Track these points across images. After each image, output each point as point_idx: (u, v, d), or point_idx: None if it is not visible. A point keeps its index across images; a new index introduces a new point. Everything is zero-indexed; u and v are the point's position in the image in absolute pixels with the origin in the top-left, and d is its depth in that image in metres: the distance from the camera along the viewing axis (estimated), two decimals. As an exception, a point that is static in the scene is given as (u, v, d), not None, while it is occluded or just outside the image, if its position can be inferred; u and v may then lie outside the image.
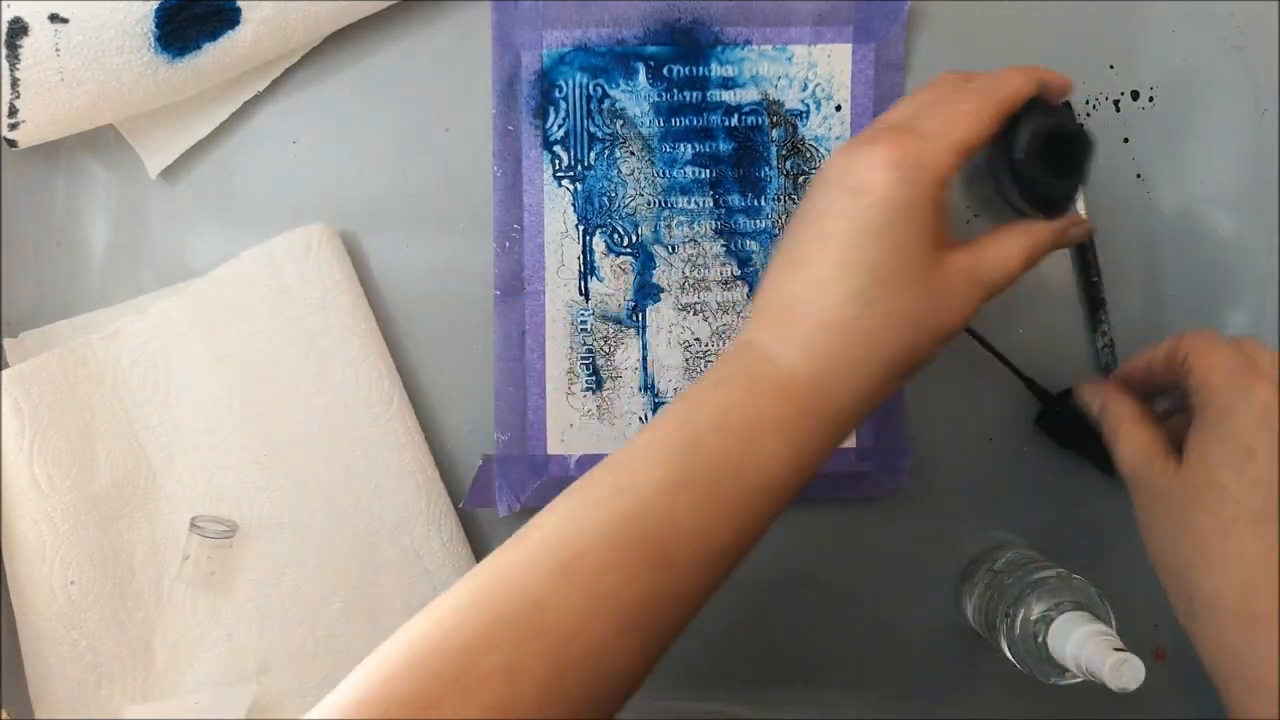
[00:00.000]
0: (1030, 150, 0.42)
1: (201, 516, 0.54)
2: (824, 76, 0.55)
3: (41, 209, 0.55)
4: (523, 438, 0.55)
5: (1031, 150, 0.42)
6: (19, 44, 0.49)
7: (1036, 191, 0.44)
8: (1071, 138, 0.43)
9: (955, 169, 0.39)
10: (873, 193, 0.38)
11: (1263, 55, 0.56)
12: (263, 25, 0.51)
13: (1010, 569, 0.53)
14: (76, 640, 0.52)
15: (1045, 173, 0.43)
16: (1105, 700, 0.50)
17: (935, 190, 0.39)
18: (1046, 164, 0.43)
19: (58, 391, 0.52)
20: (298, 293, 0.53)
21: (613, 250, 0.55)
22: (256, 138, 0.55)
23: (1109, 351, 0.56)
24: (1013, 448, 0.57)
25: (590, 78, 0.55)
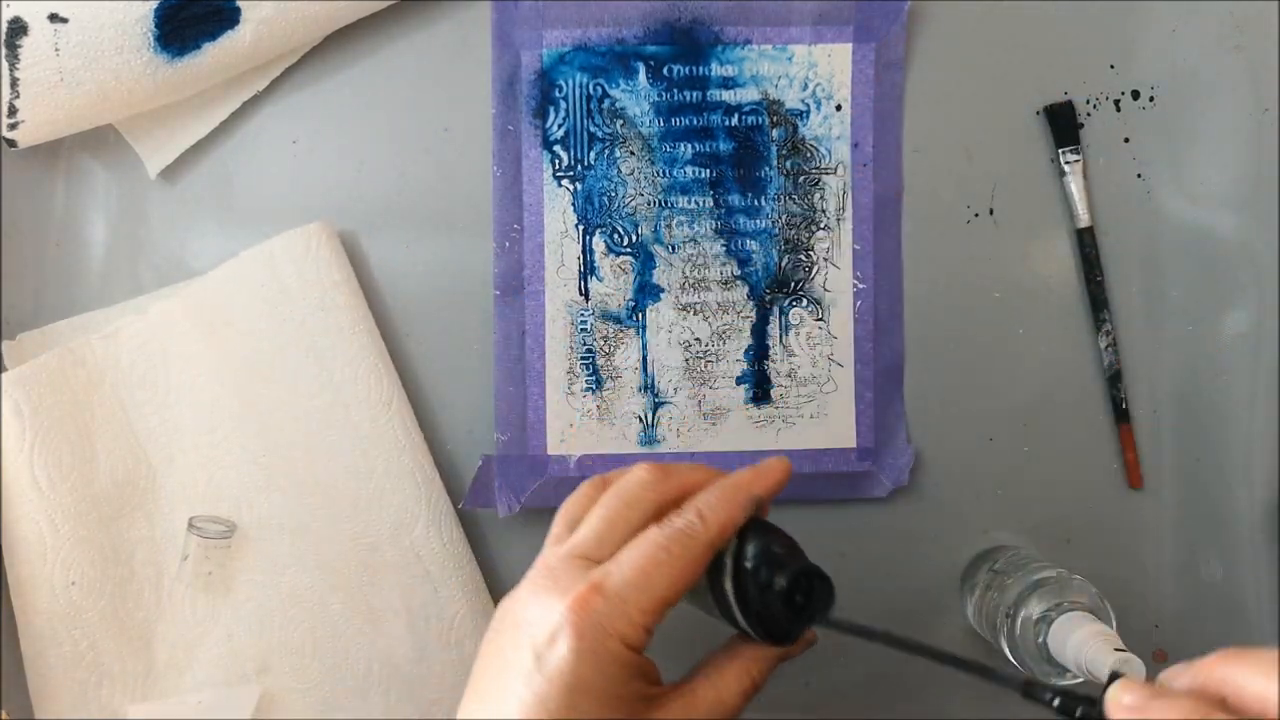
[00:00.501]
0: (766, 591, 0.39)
1: (200, 517, 0.54)
2: (824, 76, 0.55)
3: (41, 209, 0.55)
4: (523, 438, 0.55)
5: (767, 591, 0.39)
6: (19, 44, 0.49)
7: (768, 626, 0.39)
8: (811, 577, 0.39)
9: (652, 627, 0.37)
10: (551, 665, 0.36)
11: (1263, 55, 0.56)
12: (262, 25, 0.51)
13: (1010, 569, 0.53)
14: (77, 640, 0.52)
15: (791, 616, 0.39)
16: (1106, 700, 0.50)
17: (628, 655, 0.36)
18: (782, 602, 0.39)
19: (57, 392, 0.52)
20: (297, 293, 0.53)
21: (613, 250, 0.55)
22: (256, 138, 0.55)
23: (1110, 351, 0.56)
24: (1013, 448, 0.57)
25: (590, 77, 0.55)
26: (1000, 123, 0.56)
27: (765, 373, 0.56)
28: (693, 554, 0.38)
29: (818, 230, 0.56)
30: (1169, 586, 0.57)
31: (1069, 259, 0.56)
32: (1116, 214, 0.56)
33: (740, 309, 0.56)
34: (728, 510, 0.39)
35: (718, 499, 0.39)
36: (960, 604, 0.56)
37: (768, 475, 0.41)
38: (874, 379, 0.56)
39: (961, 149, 0.56)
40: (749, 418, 0.56)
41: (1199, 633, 0.57)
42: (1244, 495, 0.56)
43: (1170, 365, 0.56)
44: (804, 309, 0.56)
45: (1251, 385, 0.56)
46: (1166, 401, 0.56)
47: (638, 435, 0.56)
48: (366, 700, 0.54)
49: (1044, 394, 0.56)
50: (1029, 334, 0.56)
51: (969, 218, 0.56)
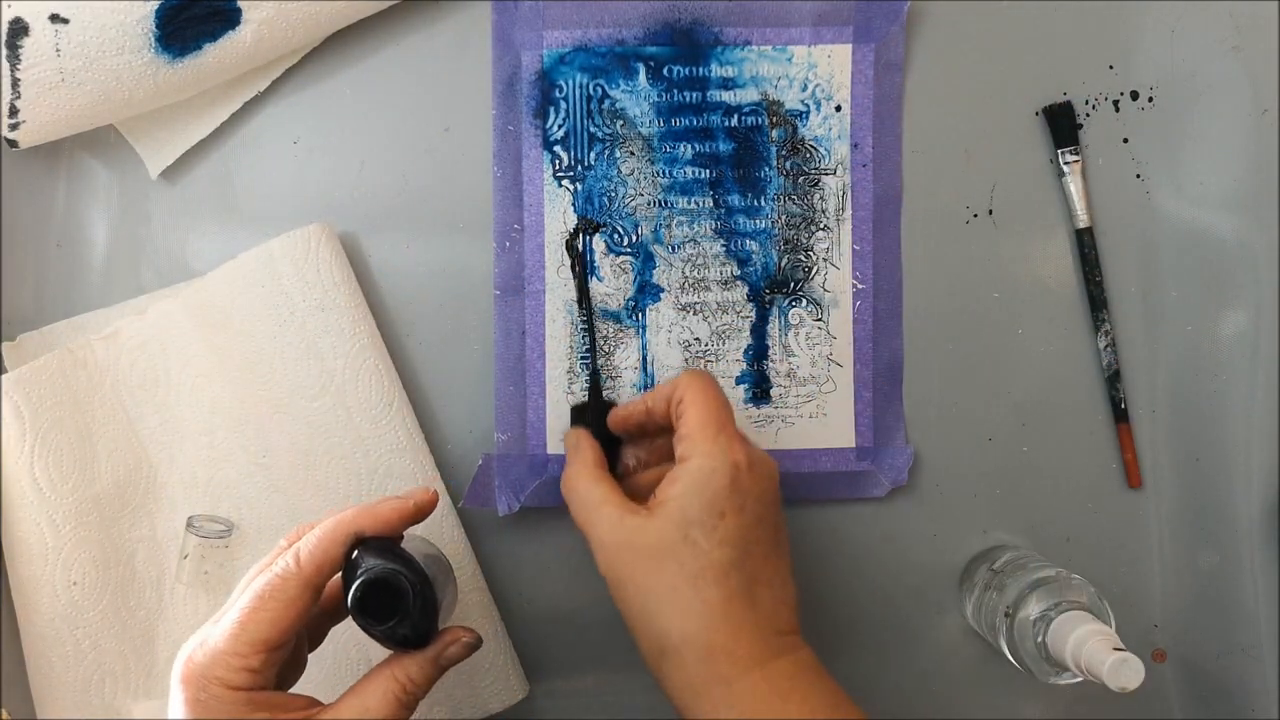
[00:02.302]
0: (355, 607, 0.42)
1: (198, 516, 0.54)
2: (824, 76, 0.55)
3: (42, 209, 0.55)
4: (522, 437, 0.55)
5: (356, 607, 0.42)
6: (19, 44, 0.49)
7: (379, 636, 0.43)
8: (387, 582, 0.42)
9: (259, 667, 0.41)
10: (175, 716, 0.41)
11: (1262, 55, 0.56)
12: (263, 26, 0.51)
13: (1010, 569, 0.53)
14: (79, 640, 0.52)
15: (367, 622, 0.42)
16: (1105, 700, 0.50)
17: (232, 695, 0.40)
18: (376, 610, 0.42)
19: (58, 394, 0.52)
20: (297, 293, 0.53)
21: (613, 250, 0.55)
22: (257, 138, 0.55)
23: (1110, 351, 0.56)
24: (1012, 448, 0.57)
25: (590, 78, 0.55)
26: (999, 123, 0.56)
27: (765, 372, 0.56)
28: (288, 594, 0.42)
29: (817, 230, 0.56)
30: (1168, 586, 0.57)
31: (1068, 259, 0.56)
32: (1115, 214, 0.56)
33: (740, 309, 0.56)
34: (323, 545, 0.43)
35: (315, 539, 0.43)
36: (959, 603, 0.56)
37: (375, 510, 0.44)
38: (873, 379, 0.56)
39: (961, 149, 0.56)
40: (748, 417, 0.56)
41: (1198, 632, 0.57)
42: (1243, 495, 0.57)
43: (1169, 365, 0.56)
44: (803, 309, 0.56)
45: (1250, 385, 0.56)
46: (1165, 401, 0.57)
47: (637, 435, 0.56)
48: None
49: (1043, 394, 0.56)
50: (1028, 334, 0.56)
51: (968, 218, 0.56)
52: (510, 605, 0.56)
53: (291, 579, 0.42)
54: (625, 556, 0.44)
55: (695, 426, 0.45)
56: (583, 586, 0.56)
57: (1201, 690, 0.57)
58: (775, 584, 0.45)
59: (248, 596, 0.42)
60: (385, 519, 0.44)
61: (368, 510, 0.44)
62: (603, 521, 0.45)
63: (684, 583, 0.43)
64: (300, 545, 0.43)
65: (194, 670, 0.41)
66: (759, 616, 0.43)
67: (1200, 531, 0.57)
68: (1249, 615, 0.57)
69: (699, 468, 0.44)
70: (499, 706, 0.55)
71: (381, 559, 0.42)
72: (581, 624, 0.56)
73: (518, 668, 0.55)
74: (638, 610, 0.44)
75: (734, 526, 0.44)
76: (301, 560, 0.42)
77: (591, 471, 0.48)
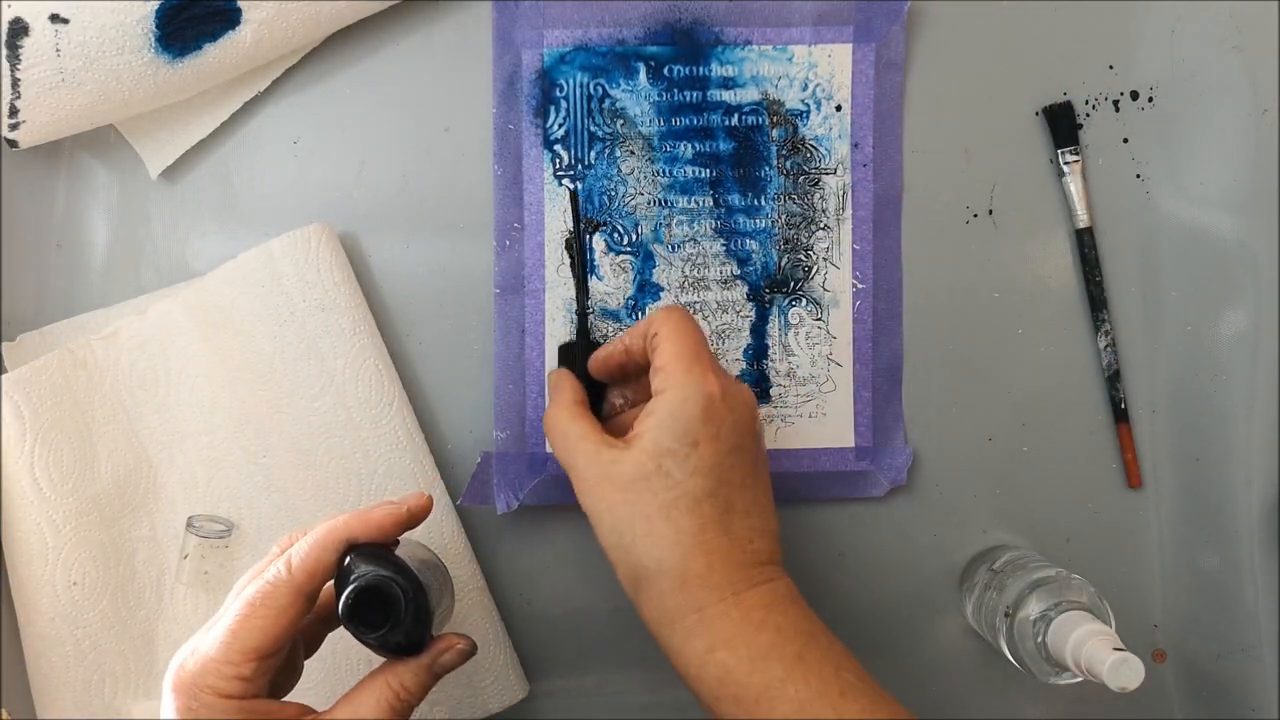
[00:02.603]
0: (347, 615, 0.41)
1: (198, 516, 0.54)
2: (824, 76, 0.55)
3: (42, 209, 0.55)
4: (521, 436, 0.55)
5: (348, 614, 0.41)
6: (19, 44, 0.49)
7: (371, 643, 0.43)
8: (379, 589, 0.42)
9: (250, 675, 0.41)
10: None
11: (1263, 55, 0.56)
12: (263, 26, 0.51)
13: (1010, 569, 0.53)
14: (79, 640, 0.52)
15: (359, 629, 0.42)
16: (1105, 700, 0.50)
17: (224, 703, 0.41)
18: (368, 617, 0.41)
19: (58, 394, 0.52)
20: (297, 293, 0.53)
21: (613, 249, 0.55)
22: (257, 138, 0.55)
23: (1110, 351, 0.56)
24: (1012, 448, 0.57)
25: (591, 77, 0.55)
26: (999, 123, 0.56)
27: (764, 372, 0.56)
28: (279, 602, 0.41)
29: (817, 230, 0.56)
30: (1168, 586, 0.57)
31: (1068, 259, 0.56)
32: (1115, 214, 0.56)
33: (740, 308, 0.56)
34: (315, 553, 0.42)
35: (307, 547, 0.43)
36: (959, 603, 0.56)
37: (367, 516, 0.44)
38: (873, 379, 0.56)
39: (961, 149, 0.56)
40: (748, 417, 0.56)
41: (1198, 632, 0.57)
42: (1243, 495, 0.57)
43: (1169, 365, 0.56)
44: (803, 309, 0.56)
45: (1250, 385, 0.56)
46: (1165, 401, 0.57)
47: (637, 435, 0.56)
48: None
49: (1043, 394, 0.56)
50: (1028, 334, 0.56)
51: (968, 218, 0.56)
52: (510, 605, 0.56)
53: (283, 586, 0.42)
54: (603, 488, 0.45)
55: (669, 359, 0.45)
56: (583, 586, 0.56)
57: (1201, 690, 0.57)
58: (753, 513, 0.45)
59: (239, 604, 0.42)
60: (378, 525, 0.44)
61: (360, 516, 0.44)
62: (580, 455, 0.46)
63: (657, 512, 0.43)
64: (292, 552, 0.43)
65: (185, 678, 0.41)
66: (733, 545, 0.44)
67: (1200, 531, 0.57)
68: (1249, 615, 0.57)
69: (671, 399, 0.44)
70: (499, 706, 0.55)
71: (373, 565, 0.42)
72: (581, 624, 0.56)
73: (518, 668, 0.55)
74: (614, 542, 0.44)
75: (708, 455, 0.44)
76: (293, 568, 0.42)
77: (571, 409, 0.48)
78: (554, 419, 0.48)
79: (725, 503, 0.44)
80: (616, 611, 0.56)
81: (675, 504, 0.43)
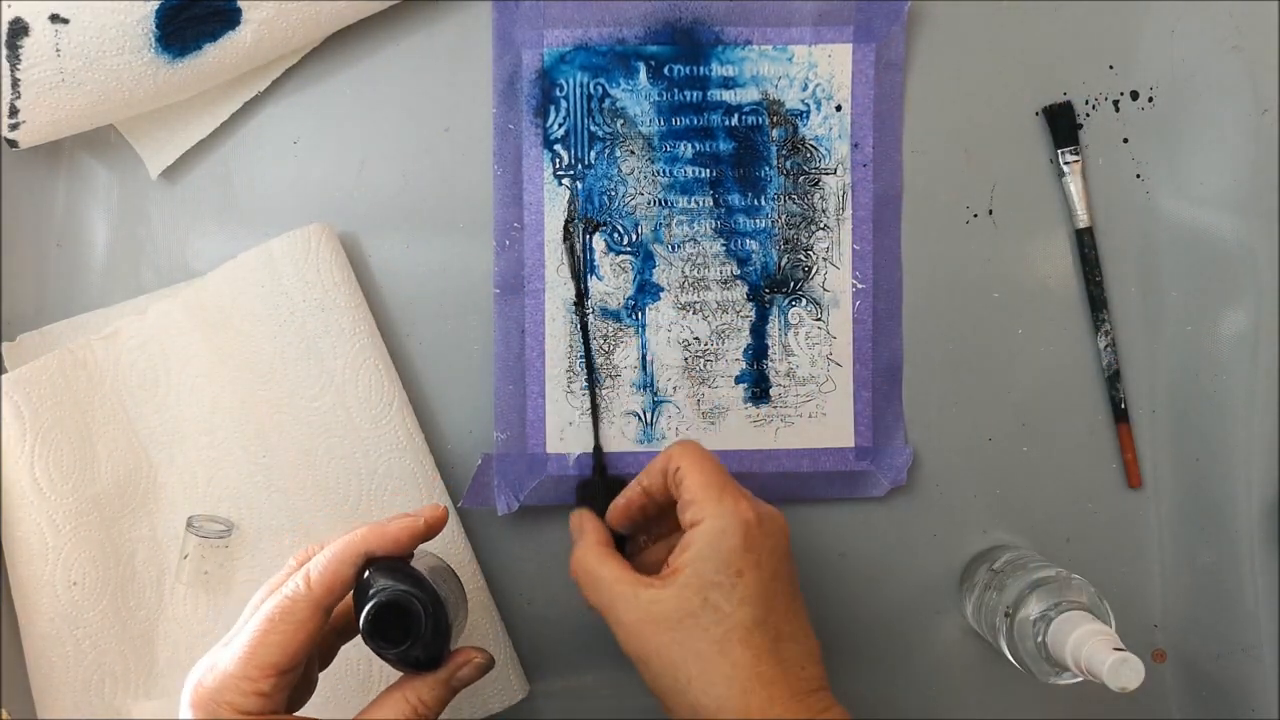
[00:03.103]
0: (368, 631, 0.42)
1: (198, 516, 0.54)
2: (824, 76, 0.55)
3: (42, 209, 0.55)
4: (522, 436, 0.55)
5: (369, 630, 0.42)
6: (20, 44, 0.49)
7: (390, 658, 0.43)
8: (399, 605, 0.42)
9: (268, 691, 0.41)
10: None
11: (1263, 55, 0.56)
12: (263, 26, 0.51)
13: (1010, 569, 0.53)
14: (79, 640, 0.52)
15: (380, 644, 0.42)
16: (1105, 700, 0.50)
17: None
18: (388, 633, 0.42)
19: (58, 394, 0.52)
20: (297, 293, 0.53)
21: (613, 249, 0.55)
22: (257, 138, 0.55)
23: (1110, 351, 0.56)
24: (1013, 448, 0.57)
25: (591, 77, 0.55)
26: (1000, 123, 0.56)
27: (764, 372, 0.56)
28: (298, 617, 0.41)
29: (817, 230, 0.56)
30: (1168, 586, 0.57)
31: (1068, 259, 0.56)
32: (1115, 214, 0.56)
33: (739, 308, 0.56)
34: (333, 567, 0.42)
35: (324, 558, 0.43)
36: (959, 604, 0.56)
37: (385, 530, 0.44)
38: (873, 379, 0.56)
39: (961, 149, 0.56)
40: (748, 417, 0.56)
41: (1198, 632, 0.57)
42: (1243, 495, 0.57)
43: (1169, 365, 0.56)
44: (803, 309, 0.56)
45: (1250, 385, 0.56)
46: (1165, 401, 0.57)
47: (637, 434, 0.56)
48: (367, 700, 0.54)
49: (1043, 394, 0.56)
50: (1028, 334, 0.56)
51: (968, 218, 0.56)
52: (510, 605, 0.56)
53: (301, 601, 0.41)
54: (646, 631, 0.43)
55: (698, 490, 0.44)
56: (583, 586, 0.56)
57: (1201, 690, 0.57)
58: (800, 638, 0.44)
59: (257, 619, 0.41)
60: (395, 538, 0.44)
61: (377, 529, 0.44)
62: (618, 600, 0.44)
63: (709, 647, 0.42)
64: (310, 567, 0.42)
65: (204, 695, 0.41)
66: (788, 675, 0.42)
67: (1200, 531, 0.57)
68: (1249, 615, 0.57)
69: (709, 529, 0.43)
70: (499, 706, 0.55)
71: (393, 580, 0.42)
72: (581, 624, 0.56)
73: (518, 668, 0.55)
74: (668, 685, 0.43)
75: (753, 583, 0.43)
76: (312, 582, 0.42)
77: (598, 551, 0.46)
78: (582, 563, 0.46)
79: (775, 631, 0.43)
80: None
81: (728, 637, 0.42)
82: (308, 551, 0.45)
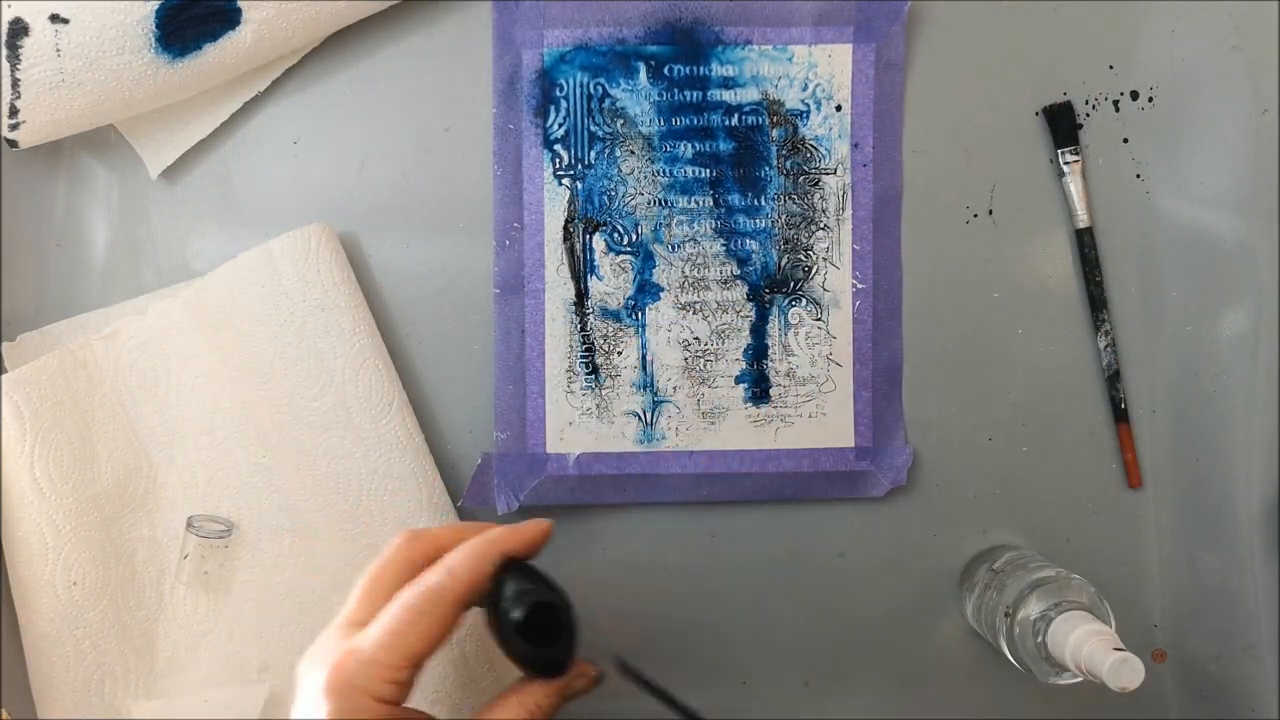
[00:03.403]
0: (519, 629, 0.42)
1: (198, 516, 0.54)
2: (824, 76, 0.55)
3: (42, 209, 0.55)
4: (522, 436, 0.55)
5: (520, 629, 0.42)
6: (19, 44, 0.49)
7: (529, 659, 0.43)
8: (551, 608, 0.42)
9: (406, 681, 0.40)
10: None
11: (1262, 55, 0.56)
12: (263, 26, 0.51)
13: (1010, 569, 0.53)
14: (79, 640, 0.52)
15: (529, 645, 0.42)
16: (1105, 700, 0.50)
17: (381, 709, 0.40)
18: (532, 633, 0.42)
19: (58, 394, 0.52)
20: (297, 293, 0.53)
21: (613, 249, 0.55)
22: (257, 138, 0.55)
23: (1110, 351, 0.56)
24: (1012, 448, 0.57)
25: (591, 77, 0.55)
26: (1000, 123, 0.56)
27: (764, 372, 0.56)
28: (441, 610, 0.41)
29: (817, 230, 0.56)
30: (1168, 586, 0.57)
31: (1068, 259, 0.56)
32: (1115, 214, 0.56)
33: (739, 308, 0.56)
34: (476, 564, 0.42)
35: (466, 554, 0.43)
36: (959, 604, 0.56)
37: (520, 532, 0.44)
38: (873, 379, 0.56)
39: (961, 149, 0.56)
40: (748, 417, 0.56)
41: (1198, 632, 0.57)
42: (1243, 495, 0.57)
43: (1169, 365, 0.56)
44: (803, 309, 0.56)
45: (1250, 385, 0.56)
46: (1165, 401, 0.57)
47: (637, 433, 0.56)
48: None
49: (1043, 394, 0.56)
50: (1028, 334, 0.56)
51: (968, 218, 0.56)
52: (510, 605, 0.56)
53: (448, 594, 0.41)
54: None
55: None
56: (582, 586, 0.56)
57: (1201, 690, 0.57)
58: None
59: (398, 609, 0.41)
60: (531, 541, 0.44)
61: (514, 531, 0.44)
62: None
63: None
64: (454, 562, 0.42)
65: (343, 679, 0.40)
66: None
67: (1200, 531, 0.57)
68: (1249, 615, 0.57)
69: None
70: (499, 706, 0.55)
71: (534, 583, 0.43)
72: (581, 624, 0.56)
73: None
74: None
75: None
76: (455, 575, 0.42)
77: None
78: None
79: None
80: (616, 612, 0.56)
81: None
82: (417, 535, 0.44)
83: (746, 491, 0.56)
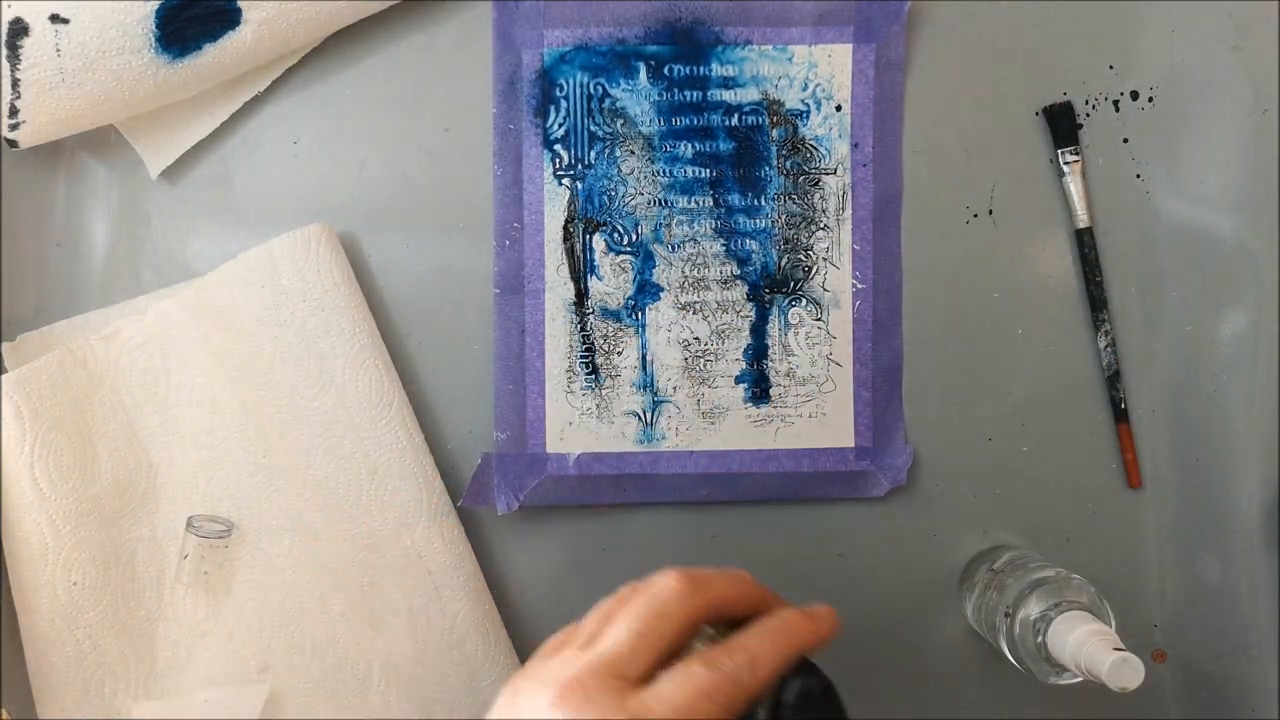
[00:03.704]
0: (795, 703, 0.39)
1: (198, 516, 0.54)
2: (824, 76, 0.55)
3: (42, 209, 0.55)
4: (522, 436, 0.55)
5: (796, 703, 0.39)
6: (20, 44, 0.49)
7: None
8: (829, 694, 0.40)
9: None
10: None
11: (1262, 55, 0.56)
12: (263, 26, 0.51)
13: (1010, 569, 0.53)
14: (79, 640, 0.52)
15: None
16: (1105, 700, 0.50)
17: None
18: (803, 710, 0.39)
19: (58, 394, 0.52)
20: (297, 293, 0.53)
21: (613, 249, 0.55)
22: (257, 138, 0.55)
23: (1110, 351, 0.56)
24: (1011, 448, 0.57)
25: (591, 77, 0.55)
26: (1000, 123, 0.56)
27: (764, 372, 0.56)
28: (736, 703, 0.37)
29: (817, 230, 0.56)
30: (1168, 586, 0.57)
31: (1068, 259, 0.56)
32: (1115, 214, 0.56)
33: (739, 308, 0.56)
34: (779, 662, 0.39)
35: (771, 649, 0.39)
36: (959, 604, 0.56)
37: (820, 627, 0.40)
38: (873, 379, 0.56)
39: (961, 149, 0.56)
40: (748, 417, 0.56)
41: (1198, 632, 0.57)
42: (1243, 495, 0.57)
43: (1169, 365, 0.56)
44: (803, 309, 0.56)
45: (1250, 385, 0.56)
46: (1165, 401, 0.57)
47: (637, 433, 0.56)
48: (367, 700, 0.54)
49: (1043, 394, 0.56)
50: (1028, 334, 0.56)
51: (968, 218, 0.56)
52: (510, 605, 0.56)
53: (745, 687, 0.37)
54: None
55: None
56: (582, 586, 0.56)
57: (1201, 690, 0.57)
58: None
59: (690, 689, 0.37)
60: (828, 638, 0.40)
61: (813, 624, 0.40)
62: None
63: None
64: (754, 653, 0.38)
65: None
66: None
67: (1200, 531, 0.57)
68: (1249, 615, 0.57)
69: None
70: (499, 706, 0.55)
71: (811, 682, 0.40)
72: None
73: (518, 668, 0.55)
74: None
75: None
76: (757, 670, 0.38)
77: None
78: None
79: None
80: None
81: None
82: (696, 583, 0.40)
83: (746, 491, 0.56)
